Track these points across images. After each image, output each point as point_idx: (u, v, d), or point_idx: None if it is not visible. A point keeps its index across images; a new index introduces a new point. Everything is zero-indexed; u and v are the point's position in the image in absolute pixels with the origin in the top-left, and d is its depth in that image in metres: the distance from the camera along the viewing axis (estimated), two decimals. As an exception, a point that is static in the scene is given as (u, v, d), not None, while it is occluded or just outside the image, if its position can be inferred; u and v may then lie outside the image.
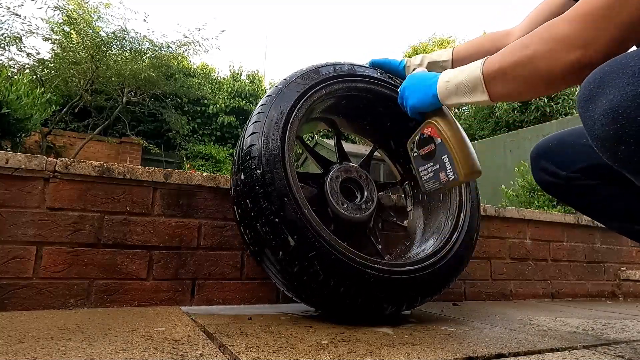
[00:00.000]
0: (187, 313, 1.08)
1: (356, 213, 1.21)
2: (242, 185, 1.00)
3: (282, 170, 0.98)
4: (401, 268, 1.03)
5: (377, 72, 1.25)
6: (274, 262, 0.98)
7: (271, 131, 1.02)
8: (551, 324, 1.18)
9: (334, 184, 1.21)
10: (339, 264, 0.95)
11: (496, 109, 8.71)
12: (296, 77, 1.13)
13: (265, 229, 0.95)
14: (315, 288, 0.96)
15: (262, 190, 0.95)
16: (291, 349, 0.75)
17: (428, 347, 0.80)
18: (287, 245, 0.94)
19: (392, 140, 1.44)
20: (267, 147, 1.00)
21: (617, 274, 2.12)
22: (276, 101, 1.07)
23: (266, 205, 0.95)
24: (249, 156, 1.00)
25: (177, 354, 0.68)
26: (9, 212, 1.05)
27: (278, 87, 1.11)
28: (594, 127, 0.59)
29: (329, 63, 1.20)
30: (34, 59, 6.71)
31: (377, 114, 1.34)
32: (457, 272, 1.15)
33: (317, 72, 1.15)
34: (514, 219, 1.84)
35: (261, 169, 0.97)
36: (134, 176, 1.18)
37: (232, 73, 11.26)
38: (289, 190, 0.96)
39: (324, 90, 1.14)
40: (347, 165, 1.27)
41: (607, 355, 0.83)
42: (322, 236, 0.95)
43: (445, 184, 1.00)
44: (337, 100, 1.24)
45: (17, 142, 3.27)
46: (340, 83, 1.17)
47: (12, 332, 0.79)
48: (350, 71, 1.20)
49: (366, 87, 1.21)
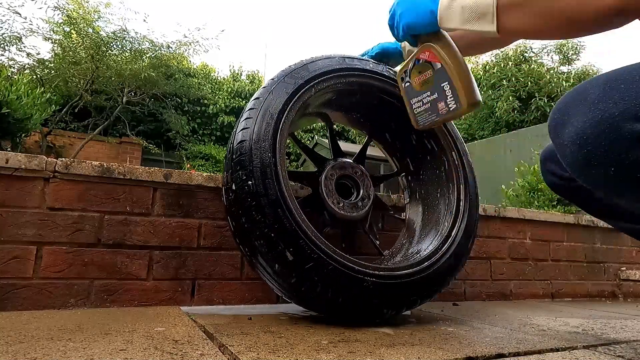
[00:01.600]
0: (187, 313, 1.08)
1: (353, 211, 1.19)
2: (233, 197, 0.96)
3: (275, 180, 0.94)
4: (400, 272, 1.02)
5: (369, 64, 1.20)
6: (271, 273, 0.96)
7: (261, 138, 0.97)
8: (551, 324, 1.17)
9: (328, 182, 1.18)
10: (336, 274, 0.93)
11: (496, 109, 8.71)
12: (284, 76, 1.07)
13: (259, 242, 0.92)
14: (314, 298, 0.95)
15: (255, 203, 0.92)
16: (291, 349, 0.75)
17: (428, 347, 0.80)
18: (283, 258, 0.91)
19: (387, 133, 1.42)
20: (257, 156, 0.95)
21: (617, 274, 2.12)
22: (264, 104, 1.02)
23: (259, 218, 0.91)
24: (239, 166, 0.95)
25: (177, 354, 0.68)
26: (9, 212, 1.05)
27: (266, 89, 1.05)
28: (565, 153, 0.62)
29: (317, 58, 1.14)
30: (34, 59, 6.71)
31: (371, 106, 1.31)
32: (456, 270, 1.14)
33: (306, 68, 1.09)
34: (514, 219, 1.84)
35: (252, 180, 0.93)
36: (134, 176, 1.18)
37: (232, 73, 11.27)
38: (282, 200, 0.92)
39: (315, 88, 1.09)
40: (341, 162, 1.25)
41: (607, 355, 0.83)
42: (318, 246, 0.93)
43: (443, 115, 0.91)
44: (330, 95, 1.21)
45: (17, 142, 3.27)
46: (332, 79, 1.12)
47: (12, 332, 0.79)
48: (341, 65, 1.14)
49: (358, 80, 1.17)
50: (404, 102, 1.08)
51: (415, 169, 1.40)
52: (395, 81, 1.20)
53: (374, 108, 1.32)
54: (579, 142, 0.58)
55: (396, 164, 1.46)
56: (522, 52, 9.53)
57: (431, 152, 1.32)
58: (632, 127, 0.54)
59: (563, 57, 9.74)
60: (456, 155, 1.24)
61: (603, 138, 0.56)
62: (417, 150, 1.37)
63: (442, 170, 1.28)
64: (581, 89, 0.61)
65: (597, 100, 0.57)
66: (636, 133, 0.54)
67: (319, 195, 1.17)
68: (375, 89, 1.21)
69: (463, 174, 1.23)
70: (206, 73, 10.79)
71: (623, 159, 0.55)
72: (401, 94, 1.02)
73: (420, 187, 1.39)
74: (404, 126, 1.22)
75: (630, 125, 0.54)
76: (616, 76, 0.58)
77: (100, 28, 6.87)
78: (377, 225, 1.49)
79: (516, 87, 8.75)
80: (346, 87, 1.18)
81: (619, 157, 0.55)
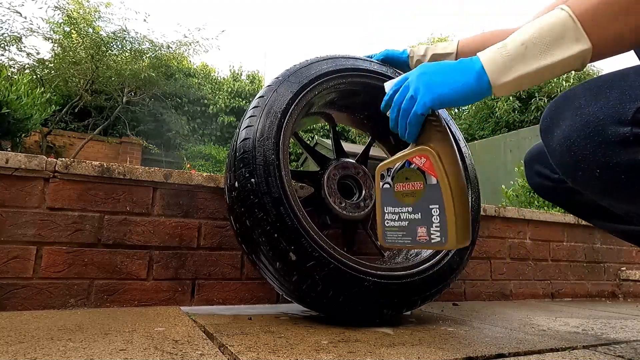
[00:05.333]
0: (187, 313, 1.08)
1: (355, 211, 1.20)
2: (236, 194, 0.97)
3: (278, 178, 0.94)
4: (401, 272, 1.02)
5: (374, 65, 1.19)
6: (272, 271, 0.97)
7: (264, 137, 0.97)
8: (551, 324, 1.17)
9: (331, 182, 1.19)
10: (337, 273, 0.93)
11: (496, 109, 8.71)
12: (289, 75, 1.07)
13: (261, 239, 0.93)
14: (315, 297, 0.95)
15: (257, 200, 0.92)
16: (291, 349, 0.75)
17: (428, 347, 0.80)
18: (284, 256, 0.92)
19: (391, 136, 1.42)
20: (260, 154, 0.95)
21: (617, 274, 2.12)
22: (269, 103, 1.02)
23: (262, 215, 0.91)
24: (242, 163, 0.96)
25: (177, 354, 0.68)
26: (9, 212, 1.05)
27: (270, 87, 1.05)
28: (555, 155, 0.64)
29: (321, 58, 1.14)
30: (34, 59, 6.71)
31: (375, 108, 1.31)
32: (458, 270, 1.14)
33: (310, 68, 1.09)
34: (514, 219, 1.84)
35: (255, 177, 0.93)
36: (134, 176, 1.18)
37: (232, 73, 11.26)
38: (285, 199, 0.93)
39: (319, 88, 1.09)
40: (344, 162, 1.25)
41: (607, 355, 0.83)
42: (319, 245, 0.93)
43: (420, 243, 0.71)
44: (334, 95, 1.21)
45: (17, 142, 3.27)
46: (336, 79, 1.11)
47: (12, 332, 0.79)
48: (345, 65, 1.13)
49: (362, 81, 1.16)
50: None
51: None
52: None
53: (378, 109, 1.31)
54: (567, 145, 0.60)
55: None
56: (522, 52, 9.52)
57: None
58: (616, 130, 0.55)
59: (563, 57, 9.72)
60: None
61: (589, 141, 0.57)
62: None
63: None
64: (569, 94, 0.63)
65: (584, 105, 0.59)
66: (620, 136, 0.55)
67: (321, 194, 1.18)
68: (380, 90, 1.21)
69: (465, 176, 1.23)
70: (206, 73, 10.79)
71: (608, 161, 0.57)
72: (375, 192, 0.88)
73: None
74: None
75: (614, 128, 0.55)
76: (603, 81, 0.60)
77: (100, 28, 6.87)
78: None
79: (516, 87, 8.74)
80: (350, 88, 1.17)
81: (603, 159, 0.57)
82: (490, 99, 9.02)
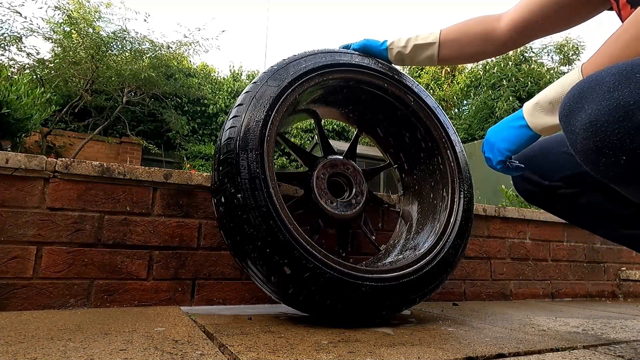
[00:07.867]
0: (187, 313, 1.08)
1: (347, 210, 1.19)
2: (223, 210, 0.94)
3: (265, 192, 0.91)
4: (397, 273, 1.02)
5: (355, 58, 1.17)
6: (268, 284, 0.96)
7: (248, 148, 0.94)
8: (551, 324, 1.17)
9: (321, 182, 1.17)
10: (333, 282, 0.92)
11: (496, 109, 8.71)
12: (267, 78, 1.03)
13: (254, 255, 0.91)
14: (313, 305, 0.95)
15: (245, 216, 0.90)
16: (291, 349, 0.75)
17: (428, 347, 0.80)
18: (279, 270, 0.90)
19: (379, 128, 1.40)
20: (244, 167, 0.92)
21: (617, 274, 2.12)
22: (249, 109, 0.98)
23: (251, 231, 0.89)
24: (227, 178, 0.93)
25: (177, 354, 0.68)
26: (9, 212, 1.05)
27: (249, 94, 1.01)
28: (576, 140, 0.62)
29: (299, 55, 1.10)
30: (34, 59, 6.70)
31: (360, 101, 1.29)
32: (454, 265, 1.14)
33: (288, 69, 1.06)
34: (514, 219, 1.84)
35: (241, 193, 0.90)
36: (134, 176, 1.18)
37: (232, 73, 11.26)
38: (274, 212, 0.90)
39: (302, 87, 1.06)
40: (332, 160, 1.23)
41: (607, 355, 0.83)
42: (313, 255, 0.92)
43: None
44: (318, 92, 1.19)
45: (17, 142, 3.27)
46: (317, 77, 1.09)
47: (12, 332, 0.79)
48: (325, 62, 1.11)
49: (345, 76, 1.14)
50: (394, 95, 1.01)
51: (410, 164, 1.40)
52: (385, 75, 1.15)
53: (363, 102, 1.29)
54: (592, 129, 0.58)
55: (390, 159, 1.45)
56: (522, 52, 9.53)
57: (425, 149, 1.32)
58: None
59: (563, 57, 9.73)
60: (451, 153, 1.24)
61: (617, 126, 0.55)
62: (410, 146, 1.36)
63: (437, 167, 1.28)
64: (596, 77, 0.60)
65: (612, 89, 0.57)
66: None
67: (312, 197, 1.15)
68: (363, 83, 1.18)
69: (458, 171, 1.23)
70: (206, 73, 10.78)
71: (635, 148, 0.55)
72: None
73: (414, 182, 1.39)
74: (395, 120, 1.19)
75: None
76: (632, 66, 0.58)
77: (100, 28, 6.86)
78: (376, 225, 1.49)
79: (516, 87, 8.75)
80: (332, 84, 1.15)
81: (631, 145, 0.55)
82: (490, 99, 9.02)
